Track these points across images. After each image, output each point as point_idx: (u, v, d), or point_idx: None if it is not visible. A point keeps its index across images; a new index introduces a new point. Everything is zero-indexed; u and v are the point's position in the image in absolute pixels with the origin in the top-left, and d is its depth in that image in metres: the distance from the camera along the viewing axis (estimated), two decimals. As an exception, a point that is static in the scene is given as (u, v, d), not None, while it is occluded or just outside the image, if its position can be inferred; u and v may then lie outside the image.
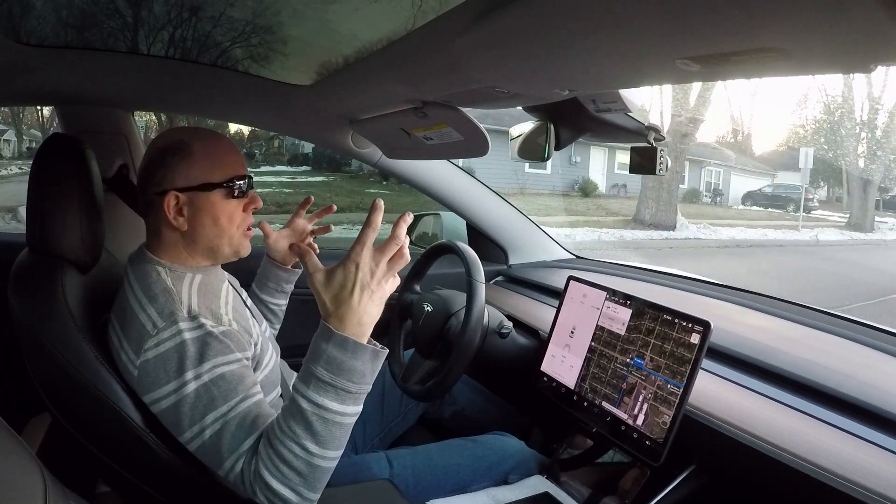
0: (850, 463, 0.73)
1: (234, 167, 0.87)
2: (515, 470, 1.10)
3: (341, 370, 0.70)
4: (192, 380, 0.75)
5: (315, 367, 0.71)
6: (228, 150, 0.88)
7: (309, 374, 0.71)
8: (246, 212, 0.90)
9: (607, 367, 1.04)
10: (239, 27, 1.08)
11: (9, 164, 14.23)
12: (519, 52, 0.64)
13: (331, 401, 0.70)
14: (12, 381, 1.06)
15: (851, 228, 13.01)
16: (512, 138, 1.14)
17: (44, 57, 1.08)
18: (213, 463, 0.75)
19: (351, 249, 0.71)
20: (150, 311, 0.78)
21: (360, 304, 0.71)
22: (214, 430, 0.74)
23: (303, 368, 0.73)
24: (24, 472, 0.47)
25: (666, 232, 10.62)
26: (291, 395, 0.72)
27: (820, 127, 16.43)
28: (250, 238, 0.92)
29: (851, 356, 0.99)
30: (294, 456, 0.70)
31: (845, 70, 0.54)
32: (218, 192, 0.85)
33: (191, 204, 0.85)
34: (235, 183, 0.87)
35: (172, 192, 0.83)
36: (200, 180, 0.84)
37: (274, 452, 0.71)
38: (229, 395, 0.75)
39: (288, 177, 13.33)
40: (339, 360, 0.70)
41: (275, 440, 0.71)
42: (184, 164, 0.84)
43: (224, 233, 0.87)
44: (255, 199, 0.91)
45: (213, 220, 0.86)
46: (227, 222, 0.87)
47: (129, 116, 1.40)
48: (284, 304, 1.19)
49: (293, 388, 0.73)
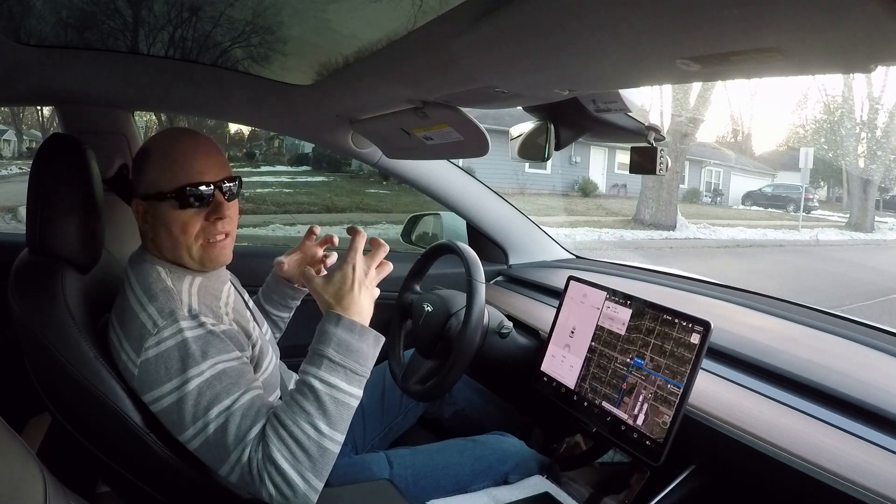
0: (849, 463, 0.72)
1: (189, 174, 0.81)
2: (515, 470, 1.10)
3: (350, 351, 0.77)
4: (194, 377, 0.75)
5: (325, 349, 0.76)
6: (189, 153, 0.83)
7: (319, 355, 0.76)
8: (209, 221, 0.83)
9: (607, 367, 1.04)
10: (239, 27, 1.08)
11: (9, 164, 14.23)
12: (519, 52, 0.64)
13: (340, 380, 0.76)
14: (12, 381, 1.06)
15: (851, 228, 13.01)
16: (512, 138, 1.14)
17: (44, 57, 1.08)
18: (217, 458, 0.75)
19: (346, 255, 0.82)
20: (150, 310, 0.78)
21: (360, 297, 0.80)
22: (219, 424, 0.74)
23: (311, 353, 0.78)
24: (24, 472, 0.47)
25: (666, 232, 10.61)
26: (301, 378, 0.77)
27: (820, 127, 16.42)
28: (223, 248, 0.86)
29: (851, 356, 0.99)
30: (306, 437, 0.73)
31: (845, 70, 0.54)
32: (168, 203, 0.81)
33: (150, 212, 0.84)
34: (188, 191, 0.80)
35: (136, 200, 0.84)
36: (154, 189, 0.82)
37: (287, 433, 0.72)
38: (231, 389, 0.76)
39: (288, 177, 13.31)
40: (347, 341, 0.77)
41: (286, 421, 0.73)
42: (143, 170, 0.84)
43: (180, 244, 0.83)
44: (217, 207, 0.83)
45: (167, 231, 0.83)
46: (181, 233, 0.82)
47: (129, 116, 1.40)
48: (288, 317, 1.19)
49: (302, 371, 0.77)
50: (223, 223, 0.85)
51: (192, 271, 0.87)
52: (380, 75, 0.94)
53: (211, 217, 0.83)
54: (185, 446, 0.78)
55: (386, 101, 1.07)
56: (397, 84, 0.92)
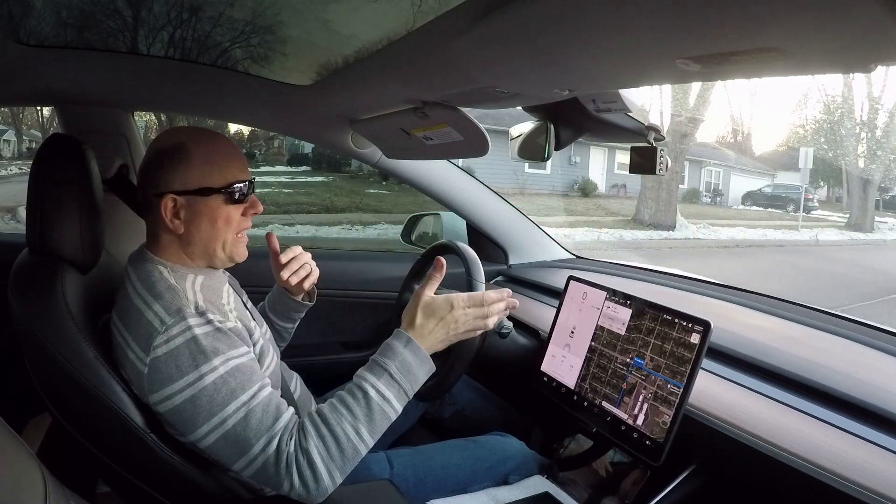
0: (849, 462, 0.73)
1: (233, 172, 0.87)
2: (516, 470, 1.10)
3: (409, 373, 0.82)
4: (208, 373, 0.75)
5: (389, 364, 0.82)
6: (228, 153, 0.88)
7: (381, 367, 0.81)
8: (245, 216, 0.90)
9: (607, 367, 1.04)
10: (238, 27, 1.08)
11: (8, 165, 14.22)
12: (519, 52, 0.64)
13: (393, 396, 0.81)
14: (12, 381, 1.06)
15: (851, 228, 13.01)
16: (512, 138, 1.14)
17: (44, 57, 1.08)
18: (235, 453, 0.76)
19: (457, 295, 0.89)
20: (156, 308, 0.79)
21: (435, 336, 0.86)
22: (239, 418, 0.75)
23: (373, 363, 0.83)
24: (24, 472, 0.47)
25: (665, 232, 10.59)
26: (356, 383, 0.81)
27: (820, 127, 16.41)
28: (245, 243, 0.92)
29: (852, 356, 0.99)
30: (346, 437, 0.77)
31: (845, 70, 0.54)
32: (217, 197, 0.85)
33: (188, 207, 0.85)
34: (235, 187, 0.86)
35: (170, 195, 0.84)
36: (199, 184, 0.84)
37: (328, 430, 0.76)
38: (246, 384, 0.77)
39: (287, 177, 13.29)
40: (409, 363, 0.83)
41: (331, 419, 0.77)
42: (181, 167, 0.84)
43: (220, 235, 0.87)
44: (255, 203, 0.91)
45: (211, 223, 0.86)
46: (224, 225, 0.87)
47: (129, 116, 1.40)
48: (292, 328, 1.19)
49: (360, 377, 0.82)
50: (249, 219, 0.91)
51: (193, 270, 0.87)
52: (380, 75, 0.94)
53: (248, 212, 0.90)
54: (196, 444, 0.78)
55: (386, 101, 1.07)
56: (397, 84, 0.92)
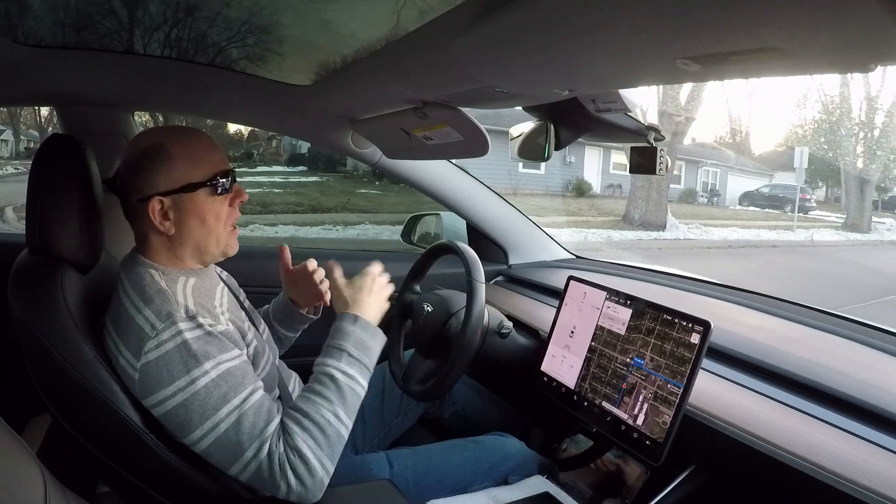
0: (849, 462, 0.73)
1: (215, 164, 0.86)
2: (516, 470, 1.09)
3: (365, 348, 0.87)
4: (199, 377, 0.75)
5: (345, 344, 0.86)
6: (207, 146, 0.87)
7: (339, 349, 0.85)
8: (232, 206, 0.89)
9: (607, 367, 1.04)
10: (234, 27, 1.07)
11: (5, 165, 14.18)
12: (519, 52, 0.64)
13: (357, 373, 0.85)
14: (12, 381, 1.06)
15: (848, 229, 12.98)
16: (512, 138, 1.14)
17: (41, 57, 1.08)
18: (229, 457, 0.75)
19: (367, 268, 0.98)
20: (146, 312, 0.78)
21: (372, 308, 0.94)
22: (231, 422, 0.75)
23: (328, 348, 0.86)
24: (24, 472, 0.47)
25: (655, 232, 10.45)
26: (320, 370, 0.84)
27: (819, 127, 16.39)
28: (236, 236, 0.92)
29: (851, 356, 0.99)
30: (328, 423, 0.79)
31: (845, 70, 0.54)
32: (202, 192, 0.85)
33: (176, 206, 0.84)
34: (219, 180, 0.86)
35: (156, 198, 0.83)
36: (183, 181, 0.83)
37: (310, 421, 0.78)
38: (239, 388, 0.77)
39: (281, 177, 13.24)
40: (363, 339, 0.88)
41: (309, 410, 0.79)
42: (164, 166, 0.83)
43: (212, 232, 0.87)
44: (239, 192, 0.90)
45: (201, 221, 0.85)
46: (215, 221, 0.87)
47: (129, 116, 1.40)
48: (293, 337, 1.20)
49: (321, 364, 0.85)
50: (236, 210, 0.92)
51: (185, 272, 0.87)
52: (380, 75, 0.94)
53: (234, 202, 0.90)
54: (191, 448, 0.78)
55: (386, 101, 1.07)
56: (397, 84, 0.92)
